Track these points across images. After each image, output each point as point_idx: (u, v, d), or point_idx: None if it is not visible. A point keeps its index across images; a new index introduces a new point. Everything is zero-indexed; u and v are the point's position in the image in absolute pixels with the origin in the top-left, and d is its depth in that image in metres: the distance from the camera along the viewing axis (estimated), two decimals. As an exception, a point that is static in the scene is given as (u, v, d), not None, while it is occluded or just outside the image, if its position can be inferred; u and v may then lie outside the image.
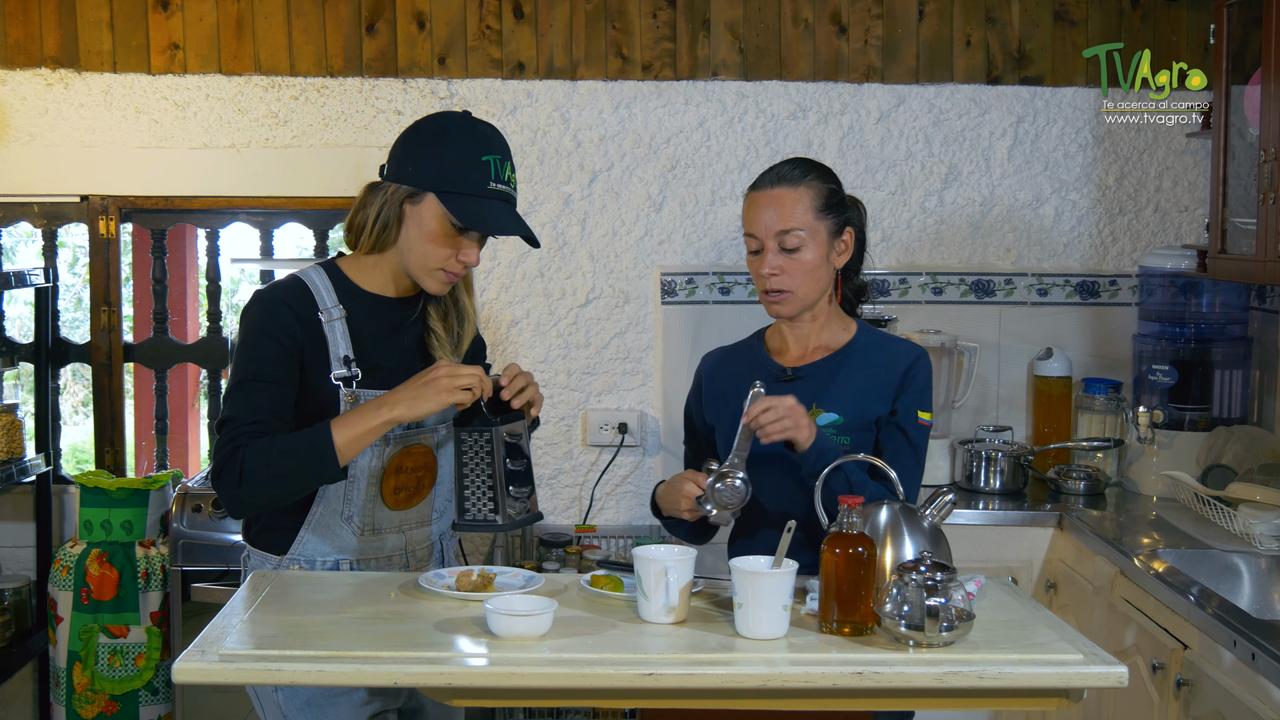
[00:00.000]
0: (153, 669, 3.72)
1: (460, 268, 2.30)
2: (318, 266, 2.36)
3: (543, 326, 3.89)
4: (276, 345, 2.24)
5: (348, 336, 2.29)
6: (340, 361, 2.27)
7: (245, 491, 2.18)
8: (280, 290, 2.30)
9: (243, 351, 2.26)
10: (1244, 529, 3.01)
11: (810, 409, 2.42)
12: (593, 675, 1.87)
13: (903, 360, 2.44)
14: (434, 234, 2.26)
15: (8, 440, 3.74)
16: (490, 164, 2.25)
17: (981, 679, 1.87)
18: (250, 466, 2.16)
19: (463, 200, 2.24)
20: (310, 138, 3.83)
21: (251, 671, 1.91)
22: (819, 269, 2.43)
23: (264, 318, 2.26)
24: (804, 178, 2.42)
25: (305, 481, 2.22)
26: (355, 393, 2.27)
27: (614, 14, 3.82)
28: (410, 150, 2.28)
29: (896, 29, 3.83)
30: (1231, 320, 3.64)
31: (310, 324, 2.27)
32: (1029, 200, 3.90)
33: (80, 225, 3.97)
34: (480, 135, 2.28)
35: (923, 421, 2.43)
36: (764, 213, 2.41)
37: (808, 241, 2.40)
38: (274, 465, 2.17)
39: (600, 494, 3.89)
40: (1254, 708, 2.30)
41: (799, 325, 2.49)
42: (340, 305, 2.30)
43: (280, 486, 2.21)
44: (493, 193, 2.26)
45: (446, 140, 2.26)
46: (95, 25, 3.81)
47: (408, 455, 2.34)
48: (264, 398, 2.22)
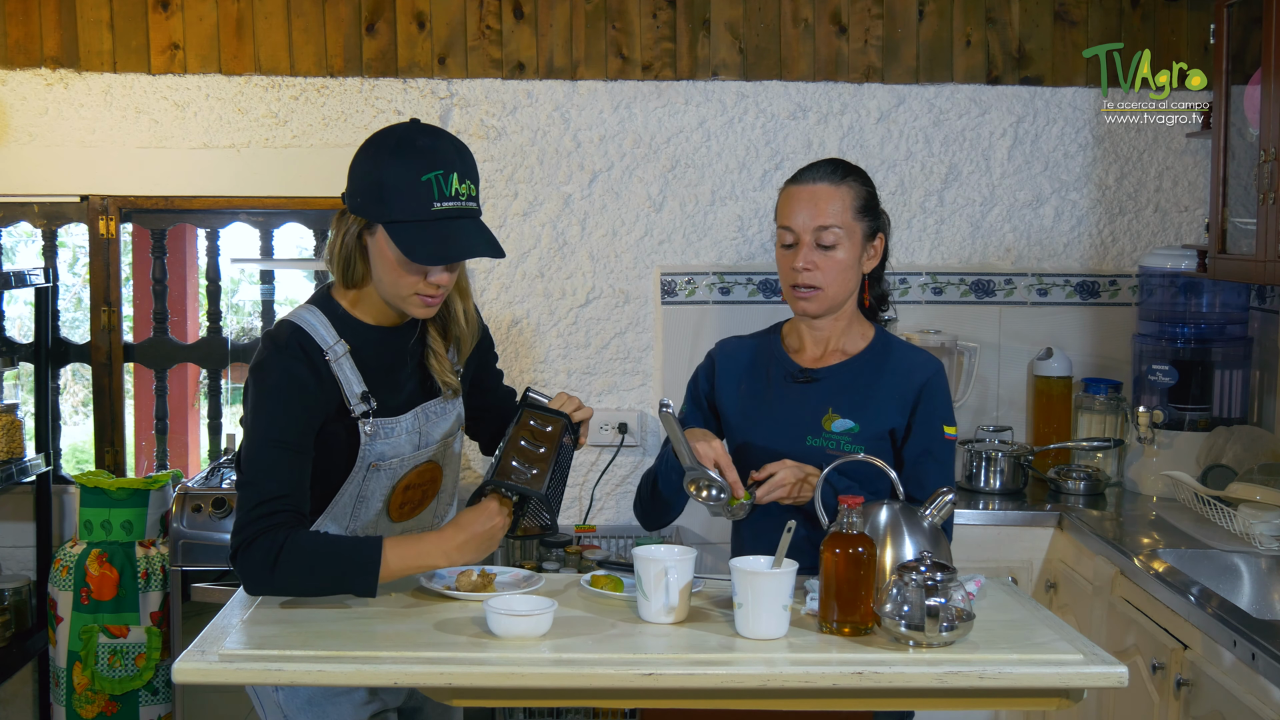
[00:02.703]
0: (153, 669, 3.72)
1: (435, 289, 2.18)
2: (310, 306, 2.25)
3: (543, 326, 3.89)
4: (297, 407, 2.15)
5: (357, 371, 2.22)
6: (358, 398, 2.21)
7: (274, 580, 2.10)
8: (289, 345, 2.18)
9: (260, 413, 2.15)
10: (1244, 529, 3.01)
11: (826, 414, 2.42)
12: (593, 675, 1.88)
13: (920, 373, 2.43)
14: (394, 265, 2.15)
15: (8, 440, 3.74)
16: (432, 183, 2.10)
17: (981, 679, 1.87)
18: (288, 560, 2.07)
19: (408, 230, 2.11)
20: (310, 138, 3.83)
21: (251, 671, 1.91)
22: (850, 270, 2.42)
23: (282, 377, 2.16)
24: (845, 178, 2.43)
25: (337, 589, 2.13)
26: (375, 423, 2.22)
27: (614, 14, 3.82)
28: (354, 176, 2.17)
29: (896, 29, 3.84)
30: (1231, 320, 3.64)
31: (321, 370, 2.19)
32: (1029, 200, 3.90)
33: (80, 225, 3.97)
34: (419, 152, 2.12)
35: (949, 437, 2.43)
36: (804, 207, 2.41)
37: (844, 240, 2.40)
38: (313, 566, 2.09)
39: (600, 494, 3.89)
40: (1254, 708, 2.31)
41: (819, 326, 2.48)
42: (342, 340, 2.21)
43: (310, 587, 2.13)
44: (439, 214, 2.11)
45: (383, 165, 2.12)
46: (95, 25, 3.82)
47: (417, 473, 2.32)
48: (286, 468, 2.13)
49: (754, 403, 2.49)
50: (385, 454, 2.25)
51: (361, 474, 2.24)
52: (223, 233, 4.09)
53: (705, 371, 2.59)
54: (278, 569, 2.08)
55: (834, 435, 2.40)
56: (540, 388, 3.83)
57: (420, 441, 2.30)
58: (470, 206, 2.16)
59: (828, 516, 2.21)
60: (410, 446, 2.28)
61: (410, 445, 2.28)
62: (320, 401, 2.18)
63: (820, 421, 2.42)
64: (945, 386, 2.45)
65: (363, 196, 2.15)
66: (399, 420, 2.26)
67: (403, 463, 2.28)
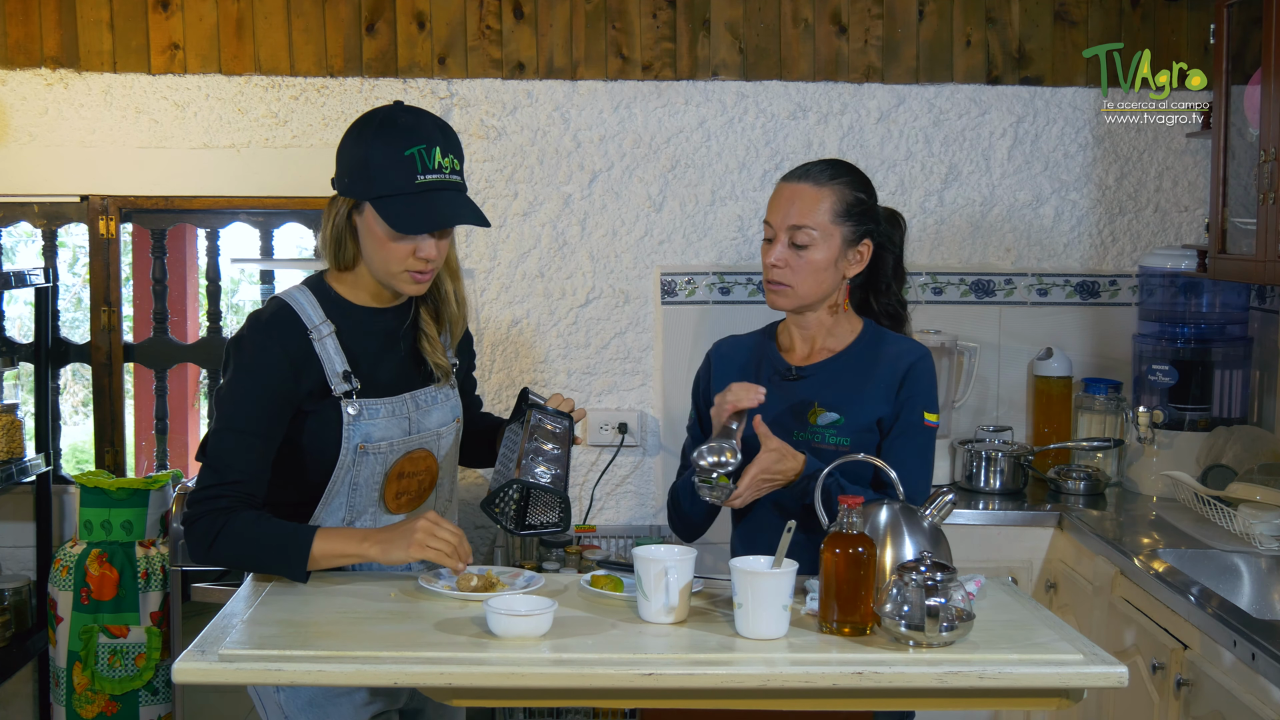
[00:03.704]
0: (153, 669, 3.72)
1: (424, 265, 2.24)
2: (303, 286, 2.32)
3: (543, 326, 3.89)
4: (265, 390, 2.21)
5: (340, 351, 2.26)
6: (339, 377, 2.25)
7: (210, 557, 2.22)
8: (269, 324, 2.25)
9: (231, 394, 2.23)
10: (1244, 529, 3.01)
11: (811, 408, 2.42)
12: (593, 675, 1.87)
13: (904, 360, 2.43)
14: (383, 240, 2.22)
15: (8, 440, 3.74)
16: (415, 156, 2.18)
17: (981, 679, 1.87)
18: (223, 542, 2.19)
19: (394, 203, 2.18)
20: (310, 138, 3.83)
21: (251, 671, 1.91)
22: (824, 273, 2.42)
23: (254, 358, 2.23)
24: (831, 180, 2.42)
25: (270, 570, 2.25)
26: (359, 404, 2.26)
27: (614, 14, 3.82)
28: (342, 159, 2.26)
29: (896, 29, 3.84)
30: (1231, 320, 3.64)
31: (302, 350, 2.24)
32: (1029, 200, 3.90)
33: (80, 225, 3.97)
34: (403, 128, 2.20)
35: (928, 423, 2.42)
36: (782, 205, 2.42)
37: (818, 242, 2.40)
38: (248, 547, 2.21)
39: (600, 494, 3.89)
40: (1254, 708, 2.31)
41: (805, 325, 2.49)
42: (329, 321, 2.26)
43: (244, 565, 2.27)
44: (424, 186, 2.18)
45: (366, 143, 2.20)
46: (95, 25, 3.81)
47: (409, 461, 2.33)
48: (244, 455, 2.21)
49: None
50: (373, 435, 2.27)
51: (350, 457, 2.26)
52: (223, 233, 4.09)
53: (703, 375, 2.61)
54: (214, 549, 2.20)
55: (819, 429, 2.41)
56: (536, 389, 3.84)
57: (411, 428, 2.32)
58: (454, 180, 2.23)
59: (828, 516, 2.21)
60: (399, 431, 2.31)
61: (399, 430, 2.31)
62: (293, 382, 2.23)
63: (806, 416, 2.42)
64: (929, 372, 2.44)
65: (350, 176, 2.23)
66: (385, 402, 2.29)
67: (392, 447, 2.30)
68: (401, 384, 2.33)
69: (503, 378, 3.88)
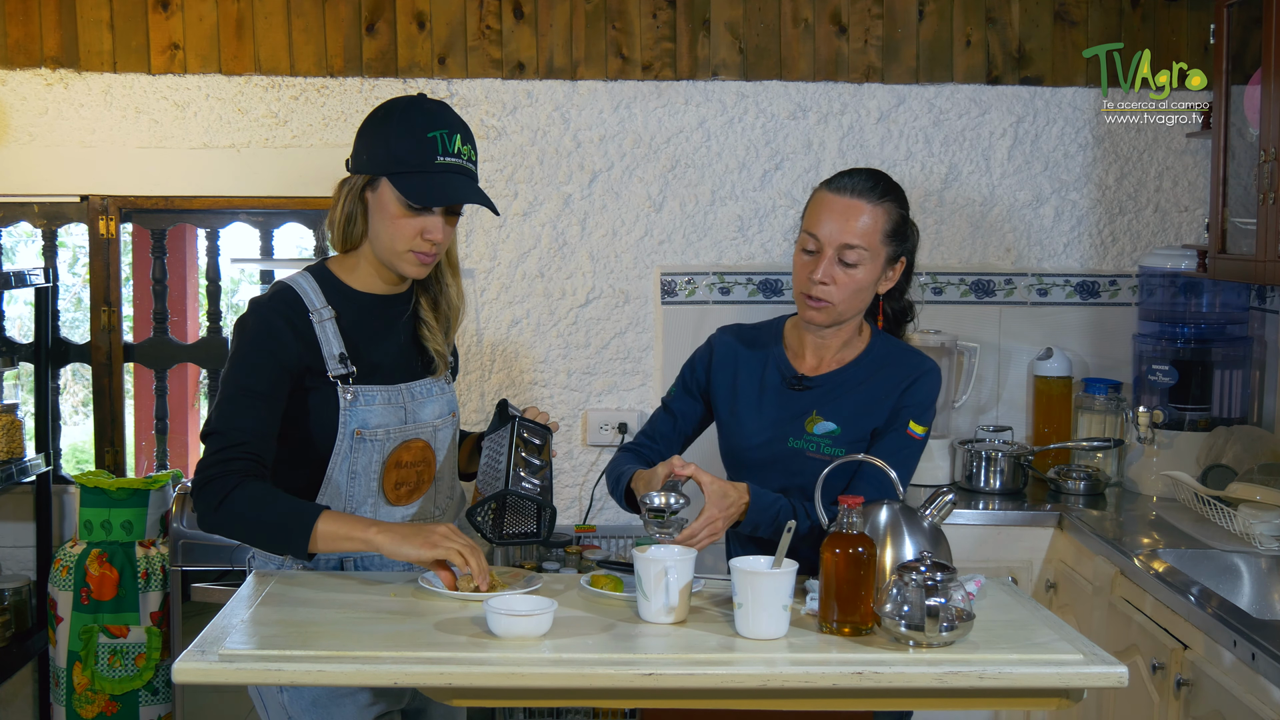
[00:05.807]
0: (153, 669, 3.72)
1: (429, 246, 2.29)
2: (305, 271, 2.36)
3: (543, 326, 3.89)
4: (269, 358, 2.25)
5: (339, 335, 2.29)
6: (336, 359, 2.28)
7: (218, 519, 2.22)
8: (272, 300, 2.30)
9: (235, 363, 2.27)
10: (1244, 529, 3.01)
11: (810, 416, 2.42)
12: (593, 675, 1.88)
13: (909, 374, 2.41)
14: (394, 216, 2.27)
15: (8, 440, 3.74)
16: (437, 139, 2.25)
17: (981, 679, 1.87)
18: (234, 505, 2.19)
19: (411, 178, 2.24)
20: (310, 138, 3.83)
21: (252, 671, 1.91)
22: (865, 291, 2.39)
23: (258, 329, 2.27)
24: (883, 198, 2.37)
25: (272, 545, 2.26)
26: (354, 389, 2.28)
27: (614, 14, 3.82)
28: (361, 139, 2.31)
29: (896, 29, 3.83)
30: (1231, 320, 3.64)
31: (304, 329, 2.28)
32: (1029, 200, 3.90)
33: (80, 225, 3.97)
34: (426, 112, 2.27)
35: (912, 433, 2.38)
36: (834, 219, 2.36)
37: (866, 261, 2.36)
38: (255, 512, 2.20)
39: (600, 494, 3.89)
40: (1254, 708, 2.31)
41: (824, 337, 2.45)
42: (329, 305, 2.30)
43: (248, 536, 2.26)
44: (442, 166, 2.25)
45: (391, 123, 2.27)
46: (95, 25, 3.81)
47: (405, 449, 2.35)
48: (251, 415, 2.23)
49: (745, 403, 2.48)
50: (369, 422, 2.29)
51: (347, 443, 2.28)
52: (223, 233, 4.09)
53: (702, 360, 2.56)
54: (221, 511, 2.20)
55: (814, 438, 2.40)
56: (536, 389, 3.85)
57: (406, 417, 2.34)
58: (470, 168, 2.30)
59: (827, 516, 2.21)
60: (395, 419, 2.33)
61: (395, 418, 2.33)
62: (295, 354, 2.26)
63: (803, 424, 2.42)
64: (930, 388, 2.41)
65: (369, 154, 2.28)
66: (381, 390, 2.32)
67: (389, 435, 2.31)
68: (399, 372, 2.35)
69: (503, 377, 3.89)
